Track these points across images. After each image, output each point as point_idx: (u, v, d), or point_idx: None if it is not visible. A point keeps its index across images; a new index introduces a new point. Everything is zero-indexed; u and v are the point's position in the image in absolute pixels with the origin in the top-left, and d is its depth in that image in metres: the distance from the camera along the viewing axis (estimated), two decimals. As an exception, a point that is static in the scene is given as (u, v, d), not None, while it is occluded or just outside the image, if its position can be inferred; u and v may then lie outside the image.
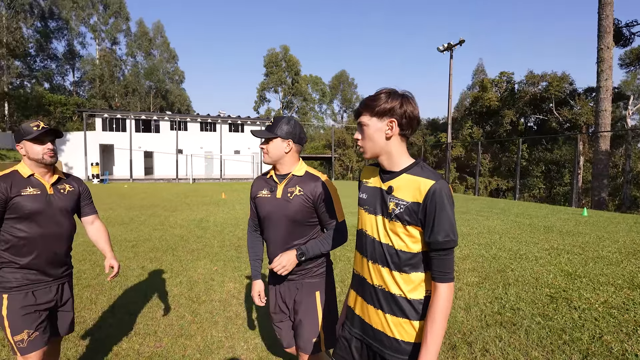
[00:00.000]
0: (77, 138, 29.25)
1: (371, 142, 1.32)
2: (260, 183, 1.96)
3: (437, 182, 1.22)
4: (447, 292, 1.21)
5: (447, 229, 1.19)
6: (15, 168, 1.90)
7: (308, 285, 1.89)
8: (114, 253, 2.26)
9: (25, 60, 42.38)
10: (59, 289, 2.00)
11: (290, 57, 57.13)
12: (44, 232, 1.87)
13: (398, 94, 1.29)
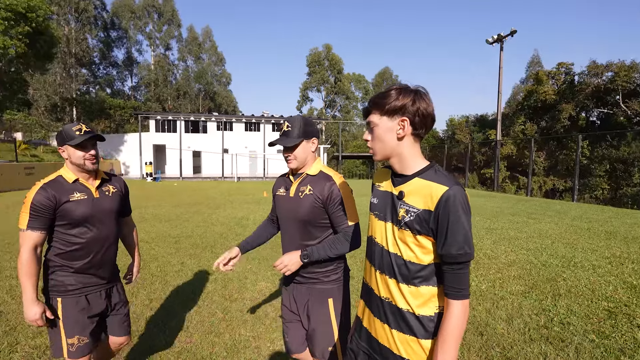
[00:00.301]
0: (133, 139, 31.41)
1: (381, 143, 1.22)
2: (280, 182, 1.98)
3: (450, 188, 1.10)
4: (461, 310, 1.09)
5: (461, 241, 1.07)
6: (59, 173, 1.88)
7: (320, 291, 1.81)
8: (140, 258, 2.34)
9: (90, 68, 46.23)
10: (108, 293, 2.01)
11: (333, 56, 57.10)
12: (94, 235, 1.87)
13: (410, 90, 1.17)
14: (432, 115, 1.19)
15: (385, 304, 1.23)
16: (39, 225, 1.75)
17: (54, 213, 1.77)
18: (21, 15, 21.25)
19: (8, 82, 24.76)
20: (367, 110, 1.24)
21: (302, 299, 1.85)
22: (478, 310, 3.68)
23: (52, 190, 1.78)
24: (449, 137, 38.11)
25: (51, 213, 1.77)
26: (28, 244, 1.73)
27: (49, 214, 1.76)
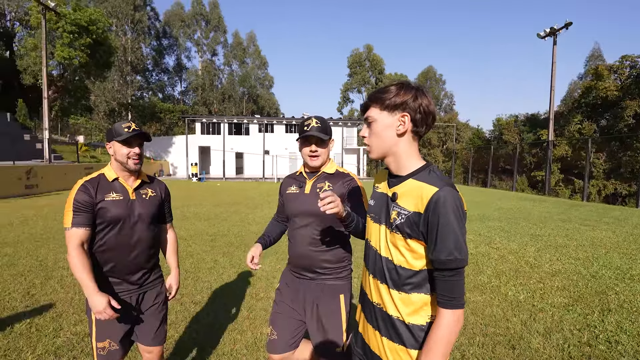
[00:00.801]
0: (181, 141, 33.14)
1: (379, 140, 1.17)
2: (289, 181, 1.98)
3: (441, 189, 1.03)
4: (452, 319, 1.02)
5: (451, 246, 1.00)
6: (102, 171, 1.86)
7: (331, 287, 1.82)
8: (179, 271, 2.16)
9: (144, 74, 49.38)
10: (140, 298, 1.90)
11: (374, 56, 56.58)
12: (125, 239, 1.80)
13: (411, 86, 1.13)
14: (433, 113, 1.14)
15: (377, 309, 1.19)
16: (83, 221, 1.71)
17: (94, 210, 1.75)
18: (84, 29, 23.21)
19: (73, 89, 27.15)
20: (366, 105, 1.19)
21: (311, 296, 1.83)
22: (512, 321, 3.45)
23: (92, 187, 1.77)
24: (495, 137, 36.27)
25: (92, 209, 1.74)
26: (74, 241, 1.69)
27: (90, 209, 1.73)
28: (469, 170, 29.38)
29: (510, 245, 6.55)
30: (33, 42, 24.57)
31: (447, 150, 41.30)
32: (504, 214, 10.61)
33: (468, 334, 3.19)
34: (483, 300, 3.97)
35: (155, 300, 1.96)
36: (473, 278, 4.72)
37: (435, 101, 62.33)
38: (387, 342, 1.14)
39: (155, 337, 1.94)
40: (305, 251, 1.82)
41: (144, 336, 1.92)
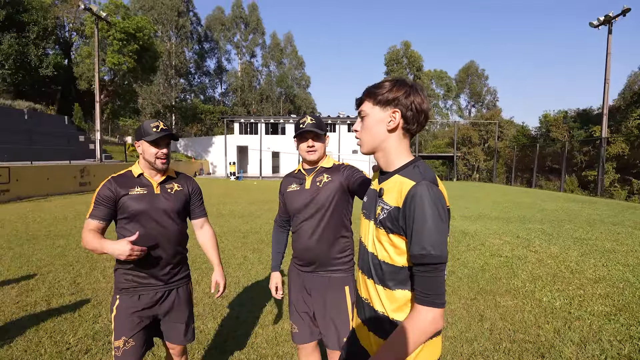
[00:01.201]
0: (220, 141, 34.30)
1: (369, 135, 1.18)
2: (289, 180, 2.03)
3: (418, 183, 1.03)
4: (424, 317, 1.00)
5: (424, 241, 0.98)
6: (130, 168, 1.91)
7: (337, 280, 1.87)
8: (222, 266, 2.12)
9: (187, 77, 51.59)
10: (165, 295, 1.88)
11: (412, 53, 55.32)
12: (148, 233, 1.79)
13: (405, 83, 1.14)
14: (425, 112, 1.13)
15: (365, 305, 1.20)
16: (99, 214, 1.76)
17: (114, 205, 1.78)
18: (131, 36, 24.68)
19: (122, 93, 28.95)
20: (361, 99, 1.21)
21: (317, 289, 1.89)
22: (544, 329, 3.27)
23: (116, 183, 1.81)
24: (542, 135, 34.24)
25: (112, 204, 1.78)
26: (86, 229, 1.74)
27: (110, 205, 1.77)
28: (512, 169, 27.98)
29: (550, 249, 6.18)
30: (87, 50, 26.49)
31: (488, 148, 39.55)
32: (547, 216, 10.01)
33: (494, 340, 3.07)
34: (514, 305, 3.79)
35: (181, 299, 1.94)
36: (506, 282, 4.52)
37: (476, 98, 60.14)
38: (373, 337, 1.15)
39: (185, 336, 1.95)
40: (309, 244, 1.86)
41: (173, 335, 1.92)
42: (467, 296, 4.05)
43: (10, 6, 25.24)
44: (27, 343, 2.91)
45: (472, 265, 5.20)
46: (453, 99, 61.16)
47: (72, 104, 29.99)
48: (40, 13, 27.25)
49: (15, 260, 5.18)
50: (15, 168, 12.80)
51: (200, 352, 2.85)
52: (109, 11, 24.17)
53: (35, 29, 26.63)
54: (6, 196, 12.11)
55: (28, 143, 15.73)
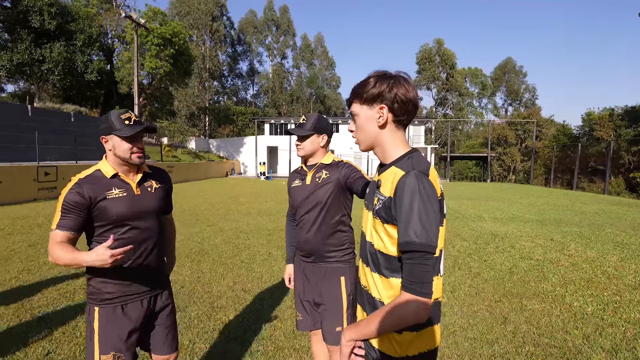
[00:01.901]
0: (251, 141, 35.05)
1: (363, 133, 1.21)
2: (293, 176, 2.15)
3: (407, 173, 1.06)
4: (408, 305, 1.01)
5: (409, 230, 1.00)
6: (97, 167, 1.65)
7: (333, 270, 1.94)
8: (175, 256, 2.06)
9: (220, 80, 53.10)
10: (151, 302, 1.74)
11: (445, 51, 53.95)
12: (134, 237, 1.64)
13: (387, 76, 1.15)
14: (412, 100, 1.14)
15: (364, 292, 1.23)
16: (68, 224, 1.51)
17: (88, 212, 1.55)
18: (168, 41, 25.78)
19: (159, 96, 30.28)
20: (349, 100, 1.24)
21: (315, 278, 1.97)
22: (573, 334, 3.12)
23: (88, 186, 1.55)
24: (585, 134, 32.38)
25: (85, 212, 1.54)
26: (53, 242, 1.49)
27: (82, 213, 1.53)
28: (552, 170, 26.63)
29: (587, 253, 5.86)
30: (127, 56, 27.91)
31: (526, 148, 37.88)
32: (586, 219, 9.48)
33: (517, 343, 2.97)
34: (541, 309, 3.65)
35: (166, 303, 1.81)
36: (534, 285, 4.34)
37: (513, 96, 57.70)
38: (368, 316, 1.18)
39: (170, 343, 1.80)
40: (308, 237, 1.96)
41: (159, 343, 1.77)
42: (491, 298, 3.93)
43: (60, 16, 27.06)
44: (65, 326, 3.15)
45: (500, 268, 5.03)
46: (488, 97, 59.03)
47: (114, 106, 31.72)
48: (86, 22, 29.00)
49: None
50: (62, 167, 13.73)
51: (222, 342, 2.96)
52: (148, 18, 25.38)
53: (82, 37, 28.36)
54: (54, 193, 13.01)
55: (73, 144, 16.81)
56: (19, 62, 26.15)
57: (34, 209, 9.89)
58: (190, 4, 44.24)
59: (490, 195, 16.53)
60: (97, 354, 1.58)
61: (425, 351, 1.12)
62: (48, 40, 26.97)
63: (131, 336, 1.65)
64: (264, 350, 2.84)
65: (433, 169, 1.13)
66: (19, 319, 3.28)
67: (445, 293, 4.11)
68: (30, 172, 12.23)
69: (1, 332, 3.02)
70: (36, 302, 3.65)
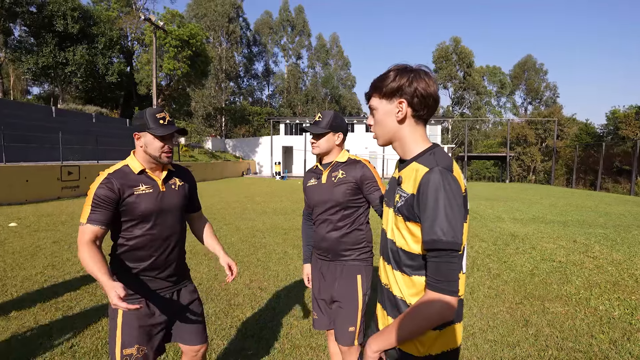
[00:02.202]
0: (267, 141, 35.31)
1: (381, 128, 1.19)
2: (308, 175, 2.12)
3: (431, 170, 1.02)
4: (434, 304, 0.99)
5: (435, 227, 0.98)
6: (125, 162, 1.69)
7: (349, 268, 1.93)
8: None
9: (236, 81, 53.64)
10: (175, 296, 1.79)
11: (462, 49, 53.09)
12: (158, 233, 1.68)
13: (408, 70, 1.12)
14: (433, 95, 1.11)
15: (385, 290, 1.21)
16: (100, 218, 1.55)
17: (117, 207, 1.59)
18: (185, 42, 26.21)
19: (177, 97, 30.81)
20: (368, 94, 1.22)
21: (331, 276, 1.96)
22: (599, 339, 3.02)
23: (117, 181, 1.59)
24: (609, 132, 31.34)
25: (114, 207, 1.58)
26: (86, 237, 1.52)
27: (111, 207, 1.57)
28: (574, 170, 25.87)
29: (612, 255, 5.66)
30: (146, 57, 28.53)
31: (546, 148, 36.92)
32: (612, 220, 9.16)
33: (539, 346, 2.89)
34: (564, 312, 3.54)
35: (192, 297, 1.85)
36: (557, 288, 4.22)
37: (533, 94, 56.32)
38: (392, 321, 1.15)
39: (199, 334, 1.84)
40: (325, 235, 1.95)
41: (186, 335, 1.80)
42: (512, 300, 3.84)
43: (83, 20, 27.89)
44: (87, 320, 3.23)
45: (520, 269, 4.91)
46: (507, 95, 57.81)
47: (133, 107, 32.48)
48: (107, 25, 29.81)
49: (81, 248, 5.72)
50: (85, 166, 14.13)
51: (238, 339, 2.98)
52: (166, 20, 25.86)
53: (103, 40, 29.17)
54: (76, 192, 13.40)
55: (95, 144, 17.28)
56: (44, 65, 27.06)
57: (57, 207, 10.21)
58: (207, 6, 44.88)
59: (509, 196, 16.17)
60: (119, 348, 1.60)
61: (448, 350, 1.10)
62: (71, 44, 27.84)
63: (154, 330, 1.67)
64: (281, 348, 2.84)
65: (456, 165, 1.10)
66: (44, 312, 3.38)
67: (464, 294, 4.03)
68: (54, 172, 12.63)
69: (28, 325, 3.12)
70: (60, 297, 3.75)
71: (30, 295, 3.77)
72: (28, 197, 11.36)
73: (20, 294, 3.80)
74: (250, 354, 2.76)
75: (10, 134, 14.37)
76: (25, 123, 17.19)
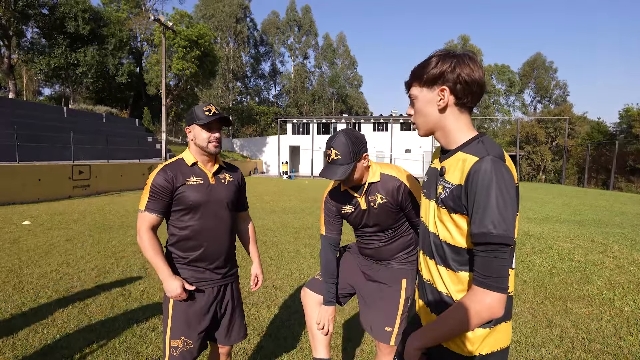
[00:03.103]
0: (274, 141, 35.35)
1: (422, 117, 1.13)
2: (338, 198, 1.85)
3: (481, 159, 0.96)
4: (483, 301, 0.93)
5: (486, 220, 0.92)
6: (181, 156, 1.80)
7: (395, 270, 1.85)
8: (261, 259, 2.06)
9: (243, 81, 53.81)
10: (221, 290, 1.82)
11: (471, 47, 52.65)
12: (207, 224, 1.73)
13: (450, 56, 1.06)
14: (478, 81, 1.04)
15: (427, 285, 1.15)
16: (157, 207, 1.66)
17: (171, 196, 1.68)
18: (194, 42, 26.31)
19: (185, 97, 30.98)
20: (408, 83, 1.16)
21: (374, 273, 1.91)
22: (627, 340, 2.92)
23: (172, 172, 1.69)
24: (622, 131, 30.81)
25: (169, 196, 1.67)
26: (145, 224, 1.65)
27: (167, 197, 1.67)
28: (585, 169, 25.50)
29: (633, 255, 5.52)
30: (155, 58, 28.72)
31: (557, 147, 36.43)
32: (629, 220, 8.97)
33: (565, 348, 2.80)
34: (589, 313, 3.44)
35: (236, 294, 1.89)
36: (578, 288, 4.11)
37: (542, 93, 55.66)
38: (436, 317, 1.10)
39: (239, 332, 1.88)
40: (372, 252, 1.89)
41: (229, 333, 1.84)
42: (532, 300, 3.75)
43: (94, 22, 28.17)
44: (104, 318, 3.21)
45: (538, 269, 4.80)
46: (516, 94, 57.18)
47: (142, 108, 32.73)
48: (117, 26, 30.07)
49: (94, 246, 5.74)
50: (95, 166, 14.24)
51: (256, 338, 2.94)
52: (175, 21, 26.00)
53: (113, 40, 29.43)
54: (87, 191, 13.51)
55: (105, 143, 17.43)
56: (56, 66, 27.37)
57: (69, 206, 10.29)
58: (215, 6, 45.06)
59: (521, 195, 15.93)
60: (168, 338, 1.67)
61: (498, 350, 1.04)
62: (82, 45, 28.14)
63: (201, 323, 1.72)
64: (300, 348, 2.79)
65: (507, 155, 1.04)
66: (61, 309, 3.37)
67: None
68: (65, 171, 12.74)
69: (45, 323, 3.11)
70: (76, 294, 3.75)
71: (46, 292, 3.78)
72: (40, 196, 11.47)
73: (37, 291, 3.81)
74: (269, 353, 2.71)
75: (24, 134, 14.55)
76: (37, 123, 17.41)
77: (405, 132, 34.15)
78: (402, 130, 34.23)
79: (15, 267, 4.58)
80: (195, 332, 1.68)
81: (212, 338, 1.84)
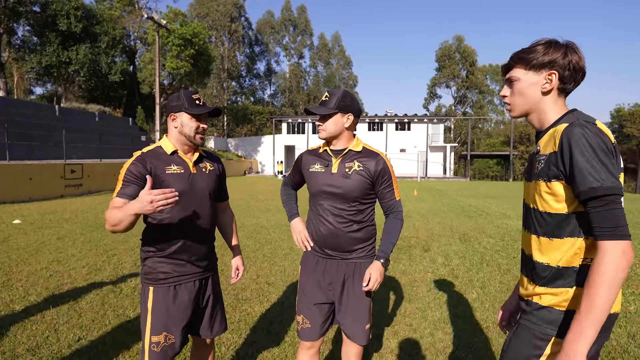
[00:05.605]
0: (269, 140, 35.32)
1: (522, 98, 1.20)
2: (312, 157, 1.85)
3: (571, 124, 1.03)
4: (616, 251, 0.94)
5: (590, 176, 0.96)
6: (158, 144, 1.71)
7: (362, 266, 1.77)
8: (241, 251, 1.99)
9: (238, 80, 53.65)
10: (202, 283, 1.77)
11: (465, 48, 52.93)
12: (188, 215, 1.66)
13: (560, 44, 1.14)
14: (582, 70, 1.14)
15: (527, 258, 1.21)
16: (128, 192, 1.53)
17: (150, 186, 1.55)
18: (188, 41, 26.19)
19: (179, 96, 30.79)
20: (509, 65, 1.22)
21: (341, 275, 1.78)
22: (616, 333, 2.95)
23: (149, 160, 1.61)
24: (614, 131, 31.18)
25: (144, 183, 1.52)
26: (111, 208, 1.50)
27: (142, 183, 1.54)
28: (578, 169, 25.70)
29: (623, 251, 5.59)
30: (149, 56, 28.54)
31: (550, 147, 36.81)
32: (620, 218, 9.07)
33: (555, 340, 2.82)
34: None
35: (216, 287, 1.85)
36: (569, 283, 4.15)
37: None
38: (539, 288, 1.14)
39: (221, 325, 1.86)
40: (334, 230, 1.74)
41: (212, 325, 1.81)
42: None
43: (86, 19, 27.91)
44: (94, 314, 3.18)
45: (531, 265, 4.84)
46: (510, 95, 57.56)
47: (136, 106, 32.51)
48: (110, 24, 29.82)
49: (86, 244, 5.69)
50: (88, 165, 14.12)
51: (247, 332, 2.93)
52: (169, 19, 25.86)
53: (106, 39, 29.18)
54: (80, 190, 13.39)
55: (98, 142, 17.27)
56: (47, 65, 27.08)
57: (61, 205, 10.20)
58: (209, 5, 44.86)
59: (514, 194, 16.07)
60: (148, 334, 1.61)
61: (612, 313, 1.06)
62: (74, 43, 27.86)
63: (182, 318, 1.67)
64: (292, 342, 2.79)
65: (600, 122, 1.08)
66: (50, 306, 3.33)
67: (474, 289, 3.97)
68: (57, 170, 12.62)
69: (34, 319, 3.07)
70: (66, 291, 3.71)
71: (35, 290, 3.73)
72: (32, 195, 11.35)
73: (26, 289, 3.76)
74: (261, 347, 2.71)
75: (15, 132, 14.38)
76: (29, 121, 17.21)
77: (400, 131, 34.26)
78: (397, 130, 34.34)
79: (4, 265, 4.53)
80: (177, 327, 1.63)
81: (193, 331, 1.79)
